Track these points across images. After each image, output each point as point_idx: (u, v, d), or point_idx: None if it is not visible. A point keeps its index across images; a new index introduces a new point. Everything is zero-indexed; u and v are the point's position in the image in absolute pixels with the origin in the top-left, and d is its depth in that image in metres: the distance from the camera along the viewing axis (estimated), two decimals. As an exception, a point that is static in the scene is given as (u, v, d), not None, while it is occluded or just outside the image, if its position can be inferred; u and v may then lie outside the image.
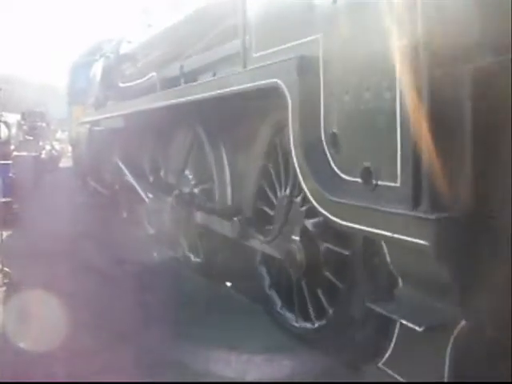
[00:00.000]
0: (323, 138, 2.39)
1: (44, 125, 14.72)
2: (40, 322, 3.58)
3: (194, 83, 4.22)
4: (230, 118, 4.08)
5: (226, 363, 3.10)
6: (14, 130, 10.82)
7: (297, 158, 2.48)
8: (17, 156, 9.89)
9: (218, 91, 3.24)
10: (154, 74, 5.93)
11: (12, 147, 10.06)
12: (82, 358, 3.19)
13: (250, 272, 4.22)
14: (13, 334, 3.52)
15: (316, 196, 2.35)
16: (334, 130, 2.32)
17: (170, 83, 5.32)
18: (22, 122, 13.28)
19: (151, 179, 6.80)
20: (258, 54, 2.99)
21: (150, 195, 6.36)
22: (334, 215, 2.23)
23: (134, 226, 7.32)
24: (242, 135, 4.23)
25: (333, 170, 2.34)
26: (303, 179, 2.44)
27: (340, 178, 2.30)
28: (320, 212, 2.33)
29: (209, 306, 4.04)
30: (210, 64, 4.58)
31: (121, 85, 7.63)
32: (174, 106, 4.21)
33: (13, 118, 12.00)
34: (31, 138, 12.57)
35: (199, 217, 4.89)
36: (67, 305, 3.71)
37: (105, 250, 5.94)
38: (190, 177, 5.39)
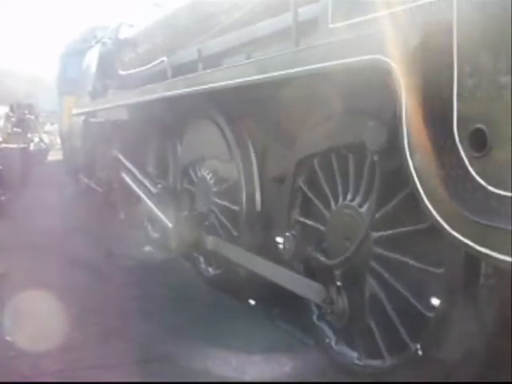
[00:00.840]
0: (456, 135, 1.71)
1: (33, 117, 14.62)
2: (23, 313, 3.54)
3: (242, 63, 3.42)
4: (271, 103, 3.39)
5: (225, 362, 2.98)
6: (1, 122, 10.54)
7: (413, 162, 1.80)
8: (5, 148, 9.83)
9: (292, 70, 2.48)
10: (164, 59, 5.25)
11: (0, 139, 9.74)
12: (71, 352, 3.11)
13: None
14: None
15: (449, 217, 1.67)
16: (479, 125, 1.64)
17: (185, 69, 4.63)
18: (11, 114, 13.06)
19: (158, 177, 6.12)
20: (337, 25, 2.29)
21: (156, 195, 5.66)
22: (483, 245, 1.56)
23: (134, 228, 6.75)
24: (275, 128, 3.57)
25: (474, 180, 1.65)
26: (424, 192, 1.76)
27: (488, 192, 1.62)
28: (456, 239, 1.65)
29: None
30: (242, 45, 3.92)
31: (121, 72, 6.99)
32: (210, 92, 3.50)
33: (1, 109, 11.72)
34: (19, 130, 12.36)
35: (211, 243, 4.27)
36: (50, 296, 3.65)
37: (96, 245, 5.88)
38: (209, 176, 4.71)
